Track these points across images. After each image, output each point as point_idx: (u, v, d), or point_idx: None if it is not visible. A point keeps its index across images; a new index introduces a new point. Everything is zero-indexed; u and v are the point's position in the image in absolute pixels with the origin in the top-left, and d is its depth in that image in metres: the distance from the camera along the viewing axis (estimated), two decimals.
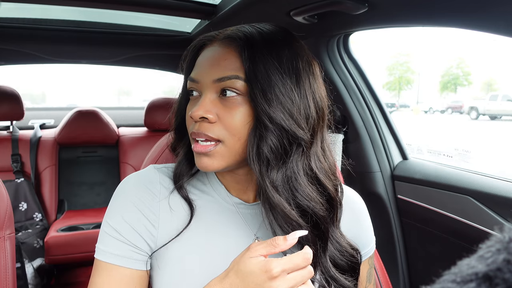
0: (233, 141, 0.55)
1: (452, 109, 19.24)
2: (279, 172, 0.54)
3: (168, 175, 0.64)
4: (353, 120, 1.42)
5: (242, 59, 0.54)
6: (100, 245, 0.58)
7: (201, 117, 0.54)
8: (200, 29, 1.55)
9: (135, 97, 45.85)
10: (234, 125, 0.54)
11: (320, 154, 0.59)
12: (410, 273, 1.38)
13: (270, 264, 0.48)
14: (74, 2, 1.22)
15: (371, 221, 0.74)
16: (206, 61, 0.57)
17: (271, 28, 0.59)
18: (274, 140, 0.53)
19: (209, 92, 0.56)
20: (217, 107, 0.55)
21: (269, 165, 0.54)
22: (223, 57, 0.56)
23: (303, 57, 0.57)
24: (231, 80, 0.54)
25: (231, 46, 0.56)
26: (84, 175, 2.27)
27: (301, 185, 0.55)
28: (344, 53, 1.39)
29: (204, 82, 0.56)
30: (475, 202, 1.05)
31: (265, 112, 0.53)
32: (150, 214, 0.59)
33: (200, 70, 0.57)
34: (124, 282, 0.57)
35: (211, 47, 0.58)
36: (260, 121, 0.53)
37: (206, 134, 0.55)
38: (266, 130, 0.53)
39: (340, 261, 0.61)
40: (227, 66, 0.55)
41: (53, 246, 1.77)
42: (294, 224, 0.54)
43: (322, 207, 0.57)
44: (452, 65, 33.74)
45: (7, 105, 1.98)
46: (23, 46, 1.72)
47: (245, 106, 0.55)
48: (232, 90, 0.54)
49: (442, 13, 0.82)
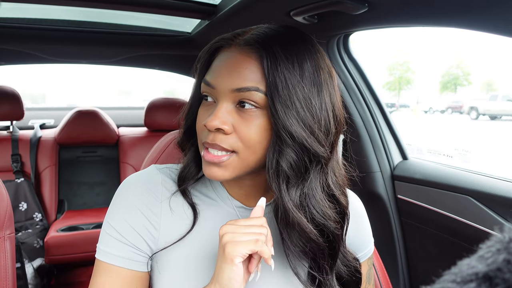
0: (247, 154, 0.53)
1: (452, 109, 19.24)
2: (297, 190, 0.53)
3: (170, 177, 0.63)
4: (353, 120, 1.42)
5: (264, 71, 0.51)
6: (101, 245, 0.58)
7: (216, 128, 0.52)
8: (200, 29, 1.55)
9: (135, 97, 45.87)
10: (251, 138, 0.52)
11: (335, 167, 0.58)
12: (410, 273, 1.38)
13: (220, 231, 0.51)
14: (74, 2, 1.22)
15: (371, 221, 0.74)
16: (225, 66, 0.54)
17: (292, 32, 0.56)
18: (294, 157, 0.51)
19: (226, 101, 0.53)
20: (233, 117, 0.53)
21: (289, 183, 0.52)
22: (243, 65, 0.52)
23: (324, 68, 0.55)
24: (251, 92, 0.51)
25: (252, 55, 0.53)
26: (84, 175, 2.27)
27: (318, 203, 0.54)
28: (344, 53, 1.39)
29: (222, 90, 0.53)
30: (475, 202, 1.05)
31: (286, 129, 0.50)
32: (152, 216, 0.59)
33: (217, 76, 0.54)
34: (124, 283, 0.57)
35: (230, 52, 0.54)
36: (280, 136, 0.51)
37: (221, 146, 0.53)
38: (286, 146, 0.51)
39: (345, 275, 0.60)
40: (247, 76, 0.52)
41: (53, 246, 1.77)
42: (312, 244, 0.53)
43: (337, 225, 0.56)
44: (452, 65, 33.76)
45: (7, 105, 1.98)
46: (23, 46, 1.72)
47: (263, 119, 0.52)
48: (251, 102, 0.52)
49: (442, 13, 0.82)
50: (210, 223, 0.61)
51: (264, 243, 0.50)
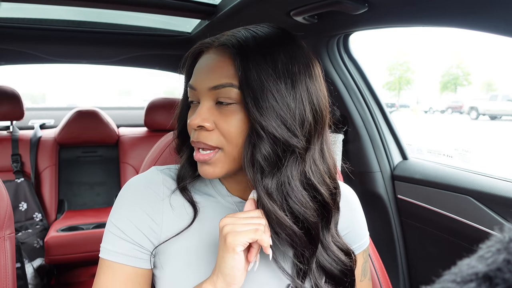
0: (230, 148, 0.56)
1: (452, 109, 19.23)
2: (273, 179, 0.54)
3: (171, 176, 0.65)
4: (353, 120, 1.42)
5: (236, 67, 0.54)
6: (104, 244, 0.59)
7: (198, 126, 0.55)
8: (200, 29, 1.55)
9: (135, 97, 45.86)
10: (231, 133, 0.55)
11: (317, 157, 0.58)
12: (410, 273, 1.38)
13: (220, 223, 0.53)
14: (74, 2, 1.22)
15: (372, 221, 0.74)
16: (202, 68, 0.57)
17: (268, 30, 0.58)
18: (267, 148, 0.53)
19: (206, 100, 0.56)
20: (214, 114, 0.56)
21: (263, 173, 0.54)
22: (217, 64, 0.56)
23: (300, 59, 0.56)
24: (225, 88, 0.54)
25: (225, 54, 0.56)
26: (84, 175, 2.27)
27: (294, 191, 0.55)
28: (344, 53, 1.39)
29: (201, 90, 0.57)
30: (475, 202, 1.05)
31: (257, 121, 0.52)
32: (154, 214, 0.60)
33: (197, 78, 0.58)
34: (128, 281, 0.58)
35: (207, 55, 0.58)
36: (254, 129, 0.53)
37: (205, 143, 0.56)
38: (259, 138, 0.53)
39: (329, 266, 0.61)
40: (222, 74, 0.55)
41: (53, 246, 1.77)
42: (288, 230, 0.55)
43: (314, 213, 0.57)
44: (452, 65, 33.76)
45: (7, 105, 1.98)
46: (23, 46, 1.72)
47: (241, 113, 0.55)
48: (227, 98, 0.55)
49: (442, 13, 0.82)
50: (210, 218, 0.63)
51: (263, 232, 0.52)
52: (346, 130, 1.45)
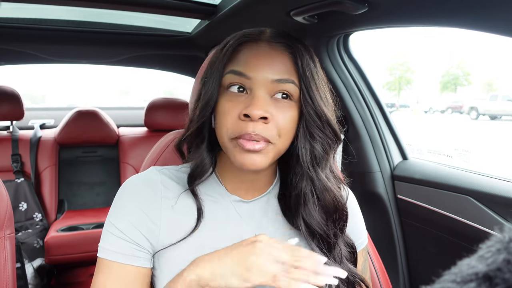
0: (281, 142, 0.57)
1: (452, 109, 19.21)
2: (326, 167, 0.62)
3: (169, 177, 0.64)
4: (353, 120, 1.42)
5: (294, 65, 0.57)
6: (103, 243, 0.59)
7: (261, 117, 0.54)
8: (200, 29, 1.55)
9: (135, 97, 45.84)
10: (286, 126, 0.57)
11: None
12: (410, 273, 1.38)
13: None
14: (74, 2, 1.22)
15: (372, 221, 0.74)
16: (259, 58, 0.56)
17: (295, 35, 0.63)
18: (324, 142, 0.60)
19: (263, 91, 0.56)
20: (270, 107, 0.56)
21: (319, 165, 0.60)
22: (276, 59, 0.57)
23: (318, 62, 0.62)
24: (288, 83, 0.56)
25: (282, 50, 0.58)
26: (84, 175, 2.27)
27: (331, 181, 0.63)
28: (344, 53, 1.39)
29: (259, 80, 0.55)
30: (475, 202, 1.05)
31: (318, 112, 0.58)
32: (152, 213, 0.60)
33: (251, 67, 0.56)
34: (127, 280, 0.58)
35: (259, 45, 0.58)
36: (311, 123, 0.58)
37: (263, 136, 0.55)
38: (316, 129, 0.59)
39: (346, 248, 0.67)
40: (284, 69, 0.57)
41: (53, 246, 1.77)
42: (333, 208, 0.63)
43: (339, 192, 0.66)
44: (452, 65, 33.74)
45: (7, 105, 1.98)
46: (23, 46, 1.72)
47: (295, 110, 0.58)
48: (288, 93, 0.57)
49: (442, 13, 0.82)
50: (210, 219, 0.63)
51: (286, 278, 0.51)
52: (346, 130, 1.45)
